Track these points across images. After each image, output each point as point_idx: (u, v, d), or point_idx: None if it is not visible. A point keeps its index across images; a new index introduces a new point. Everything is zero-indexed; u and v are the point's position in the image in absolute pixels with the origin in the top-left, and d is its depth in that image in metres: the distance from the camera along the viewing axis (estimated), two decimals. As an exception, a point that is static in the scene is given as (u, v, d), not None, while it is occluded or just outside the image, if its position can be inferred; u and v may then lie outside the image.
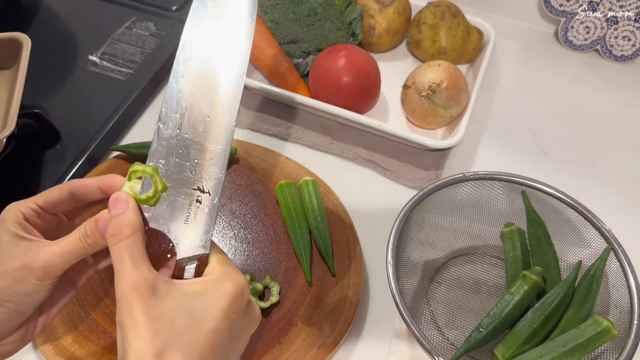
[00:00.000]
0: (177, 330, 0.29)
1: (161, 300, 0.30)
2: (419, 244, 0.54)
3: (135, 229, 0.33)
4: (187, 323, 0.30)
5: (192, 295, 0.31)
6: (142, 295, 0.30)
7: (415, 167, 0.66)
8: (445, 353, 0.44)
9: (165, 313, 0.30)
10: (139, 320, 0.29)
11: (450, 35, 0.71)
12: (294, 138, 0.68)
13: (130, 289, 0.30)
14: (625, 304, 0.46)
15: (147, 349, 0.28)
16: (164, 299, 0.30)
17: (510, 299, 0.48)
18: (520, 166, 0.67)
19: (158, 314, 0.30)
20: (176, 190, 0.36)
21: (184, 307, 0.30)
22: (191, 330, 0.30)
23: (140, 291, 0.30)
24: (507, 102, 0.75)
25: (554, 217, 0.53)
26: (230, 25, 0.40)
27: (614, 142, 0.71)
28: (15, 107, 0.56)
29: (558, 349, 0.44)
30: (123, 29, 0.78)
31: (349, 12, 0.70)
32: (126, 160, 0.62)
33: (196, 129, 0.37)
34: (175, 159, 0.35)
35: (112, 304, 0.51)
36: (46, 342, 0.48)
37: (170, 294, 0.31)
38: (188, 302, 0.31)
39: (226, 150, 0.37)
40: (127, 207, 0.33)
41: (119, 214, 0.33)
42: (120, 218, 0.33)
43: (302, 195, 0.59)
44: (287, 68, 0.70)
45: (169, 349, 0.29)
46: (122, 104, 0.68)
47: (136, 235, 0.32)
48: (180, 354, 0.29)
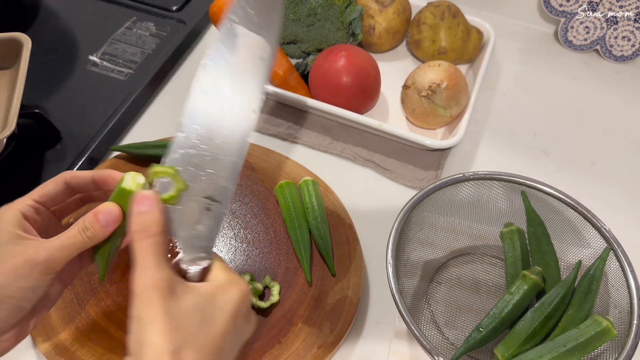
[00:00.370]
0: (192, 330, 0.31)
1: (178, 300, 0.31)
2: (419, 244, 0.54)
3: (161, 229, 0.34)
4: (201, 324, 0.31)
5: (204, 297, 0.33)
6: (163, 294, 0.31)
7: (415, 167, 0.66)
8: (445, 353, 0.44)
9: (182, 312, 0.31)
10: (159, 317, 0.30)
11: (450, 35, 0.72)
12: (294, 138, 0.68)
13: (151, 287, 0.31)
14: (625, 303, 0.46)
15: (165, 345, 0.30)
16: (181, 298, 0.32)
17: (510, 299, 0.48)
18: (520, 166, 0.68)
19: (176, 313, 0.31)
20: (189, 196, 0.36)
21: (198, 308, 0.32)
22: (204, 330, 0.31)
23: (161, 289, 0.31)
24: (507, 102, 0.75)
25: (553, 217, 0.53)
26: (251, 49, 0.41)
27: (614, 142, 0.71)
28: (15, 107, 0.56)
29: (558, 349, 0.44)
30: (123, 29, 0.78)
31: (349, 12, 0.70)
32: (126, 160, 0.62)
33: (213, 141, 0.38)
34: (190, 168, 0.37)
35: (112, 304, 0.51)
36: (46, 342, 0.48)
37: (186, 294, 0.32)
38: (201, 303, 0.32)
39: (239, 163, 0.38)
40: (153, 206, 0.34)
41: (145, 212, 0.34)
42: (148, 215, 0.34)
43: (302, 195, 0.59)
44: (287, 68, 0.70)
45: (185, 348, 0.30)
46: (122, 104, 0.68)
47: (162, 235, 0.34)
48: (194, 353, 0.30)
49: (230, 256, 0.56)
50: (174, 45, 0.76)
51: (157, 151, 0.62)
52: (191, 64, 0.77)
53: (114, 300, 0.52)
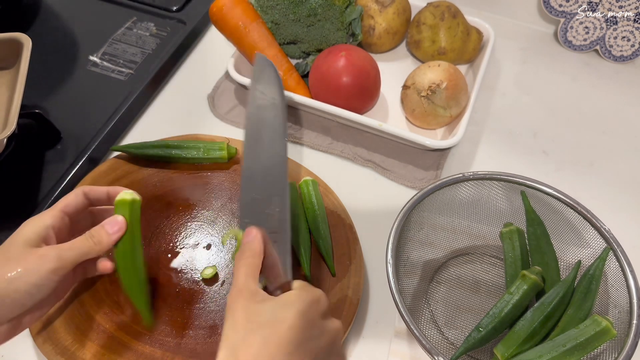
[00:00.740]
0: (260, 324, 0.36)
1: (256, 303, 0.37)
2: (419, 244, 0.55)
3: (255, 255, 0.41)
4: (270, 320, 0.36)
5: (278, 302, 0.38)
6: (245, 296, 0.38)
7: (415, 167, 0.66)
8: (444, 353, 0.44)
9: (257, 310, 0.37)
10: (237, 313, 0.37)
11: (450, 35, 0.72)
12: (294, 138, 0.68)
13: (236, 294, 0.38)
14: (625, 303, 0.46)
15: (236, 336, 0.36)
16: (259, 302, 0.38)
17: (510, 299, 0.48)
18: (519, 166, 0.68)
19: (252, 310, 0.37)
20: None
21: (271, 308, 0.37)
22: (272, 325, 0.36)
23: (244, 295, 0.38)
24: (507, 102, 0.75)
25: (553, 217, 0.53)
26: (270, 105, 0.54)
27: (614, 142, 0.71)
28: (16, 107, 0.56)
29: (557, 349, 0.45)
30: (123, 29, 0.78)
31: (349, 12, 0.70)
32: (126, 160, 0.62)
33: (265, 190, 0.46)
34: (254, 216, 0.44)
35: (113, 304, 0.52)
36: (47, 342, 0.48)
37: (265, 300, 0.38)
38: (275, 307, 0.37)
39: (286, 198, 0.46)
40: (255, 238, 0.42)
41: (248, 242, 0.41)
42: (248, 245, 0.41)
43: (302, 195, 0.59)
44: (287, 68, 0.70)
45: (251, 336, 0.35)
46: (123, 104, 0.68)
47: (253, 259, 0.40)
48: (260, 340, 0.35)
49: (230, 256, 0.56)
50: (174, 46, 0.76)
51: (157, 151, 0.62)
52: (191, 64, 0.77)
53: (115, 300, 0.52)
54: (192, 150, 0.62)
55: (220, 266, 0.55)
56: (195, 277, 0.54)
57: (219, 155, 0.62)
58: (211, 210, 0.59)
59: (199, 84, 0.74)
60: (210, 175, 0.62)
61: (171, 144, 0.62)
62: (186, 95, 0.74)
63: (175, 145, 0.62)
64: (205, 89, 0.74)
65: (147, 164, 0.63)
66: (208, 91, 0.73)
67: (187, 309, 0.52)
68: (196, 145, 0.62)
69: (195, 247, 0.56)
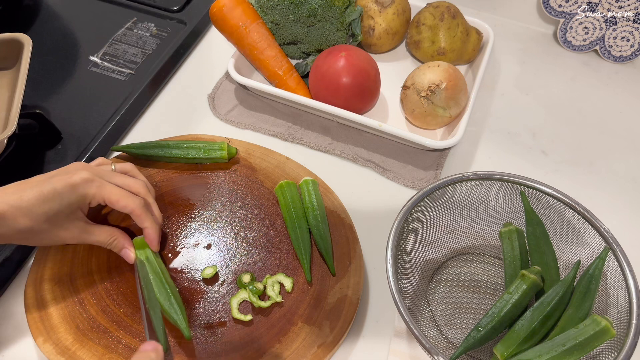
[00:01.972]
0: None
1: None
2: (419, 244, 0.55)
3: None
4: None
5: None
6: None
7: (414, 167, 0.66)
8: (444, 352, 0.44)
9: None
10: None
11: (450, 36, 0.72)
12: (294, 138, 0.68)
13: None
14: (624, 303, 0.46)
15: None
16: None
17: (509, 299, 0.48)
18: (519, 166, 0.68)
19: None
20: None
21: None
22: None
23: None
24: (506, 102, 0.75)
25: (552, 216, 0.53)
26: None
27: (613, 142, 0.71)
28: (16, 107, 0.56)
29: (557, 348, 0.45)
30: (124, 29, 0.78)
31: (349, 13, 0.70)
32: (127, 160, 0.63)
33: None
34: None
35: (112, 303, 0.52)
36: (47, 342, 0.48)
37: None
38: None
39: None
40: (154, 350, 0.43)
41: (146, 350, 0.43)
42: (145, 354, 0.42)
43: (302, 195, 0.59)
44: (287, 69, 0.70)
45: None
46: (123, 105, 0.69)
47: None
48: None
49: (230, 256, 0.56)
50: (174, 46, 0.76)
51: (157, 151, 0.62)
52: (191, 65, 0.77)
53: (115, 300, 0.52)
54: (192, 150, 0.62)
55: (220, 266, 0.55)
56: (196, 277, 0.54)
57: (219, 155, 0.62)
58: (211, 210, 0.60)
59: (199, 84, 0.74)
60: (211, 175, 0.62)
61: (171, 144, 0.63)
62: (186, 95, 0.74)
63: (175, 145, 0.62)
64: (205, 89, 0.74)
65: (148, 164, 0.63)
66: (208, 91, 0.74)
67: (187, 308, 0.52)
68: (196, 145, 0.63)
69: (196, 247, 0.57)
